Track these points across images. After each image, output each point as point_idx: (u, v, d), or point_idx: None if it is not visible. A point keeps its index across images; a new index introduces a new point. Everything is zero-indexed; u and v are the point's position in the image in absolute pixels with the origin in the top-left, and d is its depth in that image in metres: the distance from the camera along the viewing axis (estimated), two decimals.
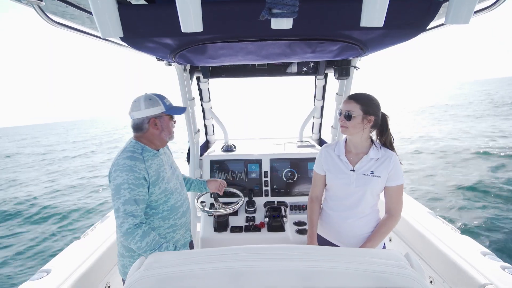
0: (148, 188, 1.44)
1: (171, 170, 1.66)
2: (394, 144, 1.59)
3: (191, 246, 1.86)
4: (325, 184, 1.71)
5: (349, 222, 1.58)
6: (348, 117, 1.46)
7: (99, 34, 0.90)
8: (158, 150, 1.59)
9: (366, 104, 1.46)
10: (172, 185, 1.59)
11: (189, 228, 1.79)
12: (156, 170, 1.50)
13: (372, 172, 1.50)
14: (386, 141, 1.55)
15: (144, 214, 1.48)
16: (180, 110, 1.61)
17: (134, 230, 1.33)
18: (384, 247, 1.66)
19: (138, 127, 1.52)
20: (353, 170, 1.54)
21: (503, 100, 31.45)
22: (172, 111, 1.56)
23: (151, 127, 1.52)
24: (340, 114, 1.51)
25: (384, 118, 1.54)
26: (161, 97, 1.54)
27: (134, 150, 1.48)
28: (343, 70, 2.30)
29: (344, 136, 1.62)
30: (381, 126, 1.55)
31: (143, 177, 1.41)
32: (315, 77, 2.76)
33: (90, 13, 0.88)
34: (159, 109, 1.50)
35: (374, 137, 1.60)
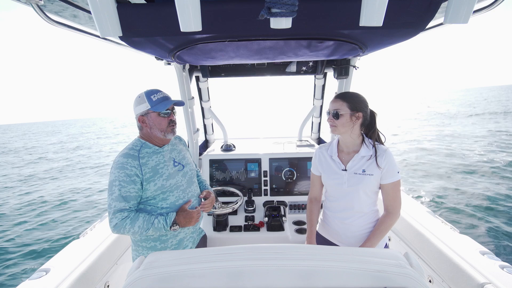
0: (142, 184, 1.45)
1: (176, 167, 1.62)
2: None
3: (204, 241, 1.87)
4: (323, 185, 1.71)
5: (347, 222, 1.57)
6: (336, 115, 1.48)
7: (98, 33, 0.90)
8: (161, 147, 1.57)
9: (353, 101, 1.47)
10: (174, 182, 1.56)
11: (198, 229, 1.78)
12: (153, 167, 1.49)
13: (363, 171, 1.49)
14: (373, 136, 1.54)
15: (143, 211, 1.49)
16: (164, 105, 1.48)
17: (122, 222, 1.37)
18: (387, 246, 1.66)
19: (137, 126, 1.56)
20: (345, 170, 1.53)
21: None
22: (156, 107, 1.47)
23: (142, 125, 1.53)
24: (329, 113, 1.53)
25: (372, 114, 1.55)
26: (150, 93, 1.49)
27: (133, 147, 1.51)
28: (343, 69, 2.30)
29: (337, 135, 1.62)
30: (369, 122, 1.55)
31: (135, 174, 1.42)
32: (315, 76, 2.76)
33: (89, 12, 0.87)
34: (144, 106, 1.48)
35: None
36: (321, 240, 1.73)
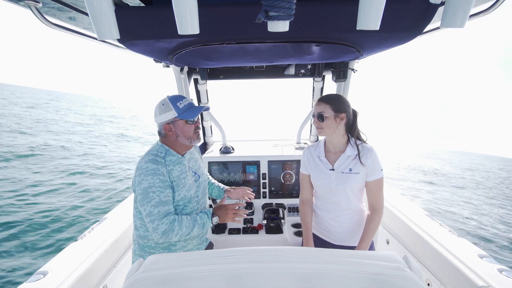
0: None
1: (194, 177, 1.60)
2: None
3: (210, 248, 1.85)
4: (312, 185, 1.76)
5: (337, 220, 1.64)
6: (321, 117, 1.53)
7: (95, 36, 0.90)
8: (183, 155, 1.55)
9: (336, 103, 1.54)
10: (192, 193, 1.54)
11: (205, 239, 1.74)
12: (177, 177, 1.46)
13: (350, 170, 1.55)
14: (353, 135, 1.61)
15: None
16: (193, 113, 1.48)
17: (171, 226, 1.34)
18: (373, 244, 1.70)
19: (159, 133, 1.54)
20: (333, 169, 1.59)
21: None
22: (184, 114, 1.46)
23: (167, 133, 1.49)
24: (314, 116, 1.58)
25: (354, 114, 1.61)
26: (175, 100, 1.47)
27: (157, 153, 1.47)
28: (341, 72, 2.31)
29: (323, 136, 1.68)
30: (353, 122, 1.62)
31: (167, 179, 1.40)
32: (313, 79, 2.76)
33: (87, 14, 0.88)
34: (171, 114, 1.45)
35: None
36: (314, 239, 1.76)
